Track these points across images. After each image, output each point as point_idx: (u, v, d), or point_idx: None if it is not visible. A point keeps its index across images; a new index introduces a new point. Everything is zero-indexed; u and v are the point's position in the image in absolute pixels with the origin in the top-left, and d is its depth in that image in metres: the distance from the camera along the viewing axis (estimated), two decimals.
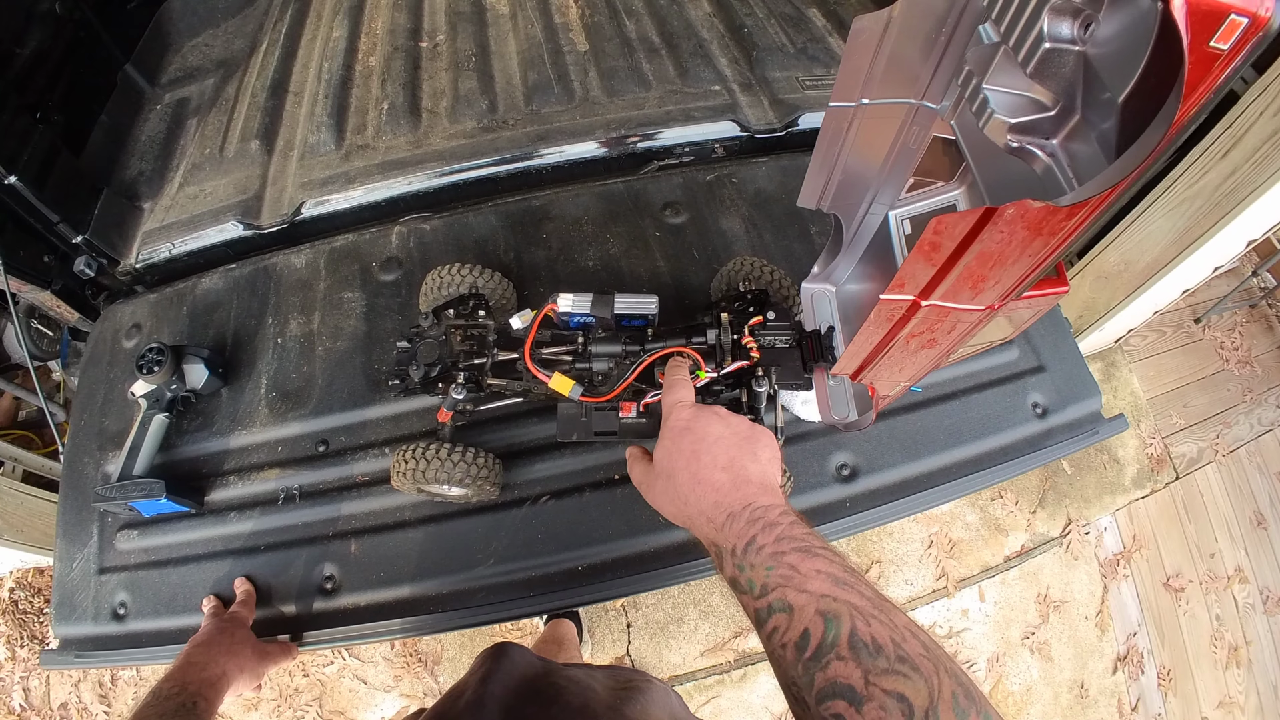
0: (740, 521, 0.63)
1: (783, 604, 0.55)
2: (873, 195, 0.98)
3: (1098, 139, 0.62)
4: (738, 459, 0.69)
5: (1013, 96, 0.64)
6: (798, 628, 0.53)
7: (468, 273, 1.20)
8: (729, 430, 0.72)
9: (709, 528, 0.65)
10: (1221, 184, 1.81)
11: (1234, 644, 2.32)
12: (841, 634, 0.51)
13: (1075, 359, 1.41)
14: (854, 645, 0.51)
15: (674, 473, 0.70)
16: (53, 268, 1.62)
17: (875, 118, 0.86)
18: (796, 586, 0.56)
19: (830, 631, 0.52)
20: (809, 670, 0.51)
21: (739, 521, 0.63)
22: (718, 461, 0.69)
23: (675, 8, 1.95)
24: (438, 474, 1.03)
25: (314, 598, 1.21)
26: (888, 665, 0.49)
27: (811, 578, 0.56)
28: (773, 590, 0.57)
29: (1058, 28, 0.57)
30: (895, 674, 0.49)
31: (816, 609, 0.54)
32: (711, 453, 0.69)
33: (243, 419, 1.37)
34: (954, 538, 2.34)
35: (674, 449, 0.72)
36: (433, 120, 1.72)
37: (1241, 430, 2.67)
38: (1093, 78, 0.59)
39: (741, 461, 0.69)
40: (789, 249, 1.45)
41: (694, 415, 0.74)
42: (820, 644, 0.52)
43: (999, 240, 0.59)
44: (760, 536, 0.60)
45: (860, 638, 0.51)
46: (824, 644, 0.52)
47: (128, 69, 2.03)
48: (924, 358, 0.86)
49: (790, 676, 0.53)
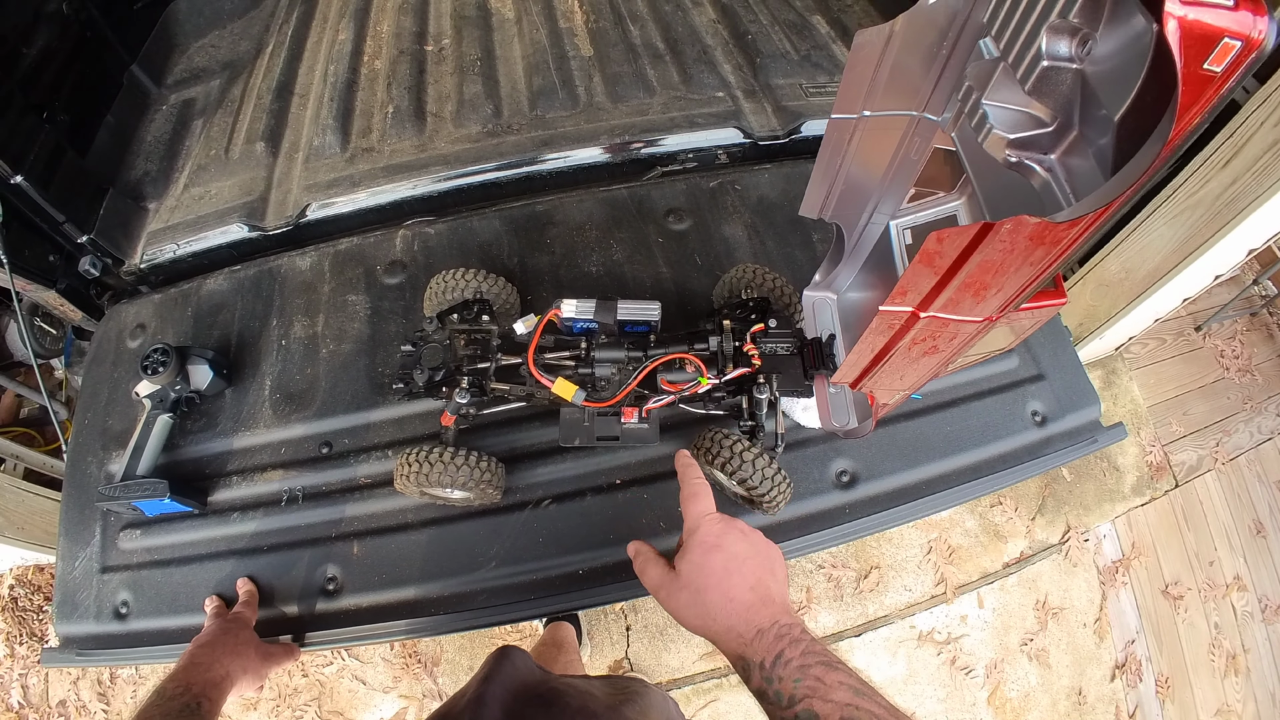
0: (769, 638, 0.67)
1: (810, 714, 0.60)
2: (874, 205, 0.99)
3: (1094, 155, 0.63)
4: (763, 579, 0.73)
5: (1012, 112, 0.65)
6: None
7: (472, 277, 1.21)
8: (753, 550, 0.76)
9: (737, 643, 0.69)
10: (1222, 193, 1.82)
11: (1232, 652, 2.33)
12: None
13: (1075, 367, 1.42)
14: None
15: (704, 589, 0.73)
16: (58, 267, 1.62)
17: (877, 129, 0.87)
18: (822, 697, 0.60)
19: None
20: None
21: (767, 638, 0.67)
22: (746, 581, 0.72)
23: (680, 14, 1.96)
24: (441, 477, 1.04)
25: (316, 599, 1.22)
26: None
27: (835, 689, 0.61)
28: (800, 701, 0.61)
29: (1056, 46, 0.58)
30: None
31: (840, 717, 0.58)
32: (741, 572, 0.73)
33: (246, 420, 1.37)
34: (953, 544, 2.34)
35: (704, 565, 0.74)
36: (438, 124, 1.73)
37: (1241, 438, 2.68)
38: (1090, 95, 0.60)
39: (766, 582, 0.73)
40: (791, 256, 1.45)
41: (723, 531, 0.77)
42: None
43: (997, 254, 0.60)
44: (788, 651, 0.65)
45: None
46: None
47: (134, 70, 2.03)
48: (923, 367, 0.86)
49: None
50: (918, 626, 2.25)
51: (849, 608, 2.25)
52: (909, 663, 2.21)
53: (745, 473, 1.00)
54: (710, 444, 1.04)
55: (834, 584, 2.27)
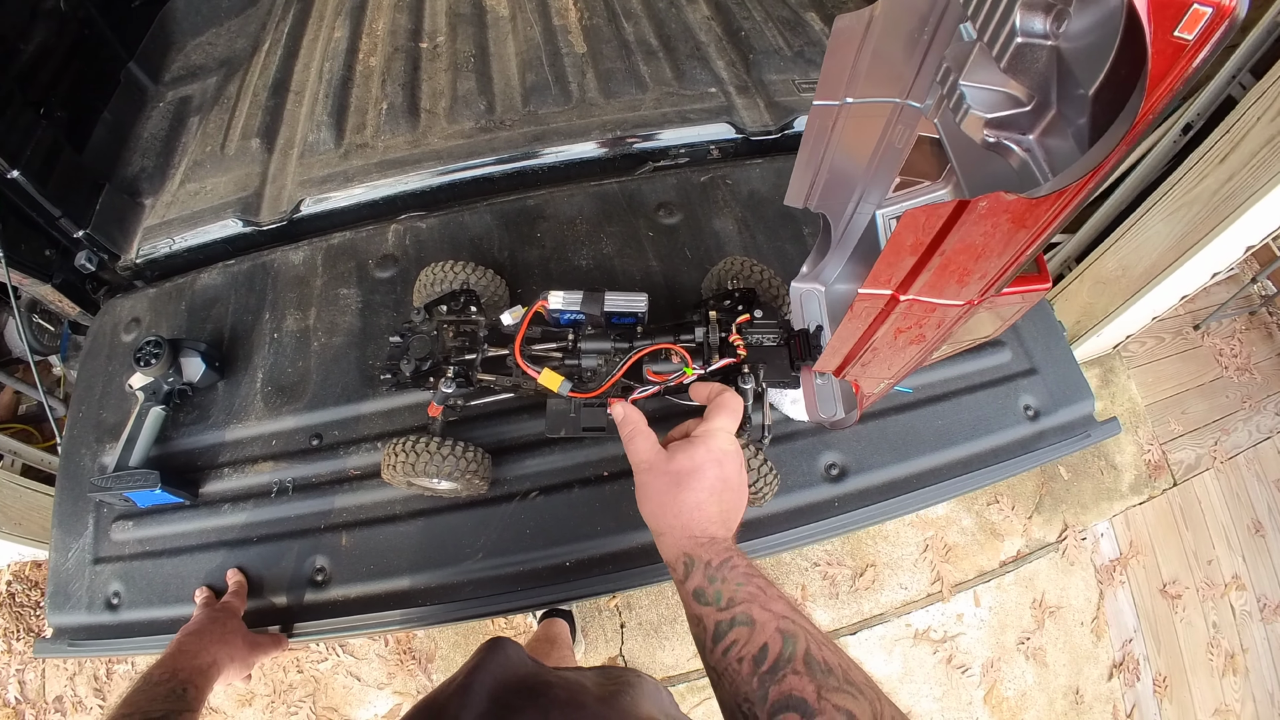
0: (720, 545, 0.69)
1: (747, 618, 0.60)
2: (860, 194, 0.98)
3: (1073, 134, 0.62)
4: (736, 508, 0.75)
5: (989, 92, 0.65)
6: (758, 642, 0.58)
7: (461, 269, 1.21)
8: (741, 484, 0.78)
9: (688, 541, 0.70)
10: (1219, 189, 1.81)
11: (1230, 651, 2.31)
12: (798, 651, 0.56)
13: (1068, 361, 1.41)
14: (809, 662, 0.55)
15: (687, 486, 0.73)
16: (54, 262, 1.63)
17: (860, 116, 0.87)
18: (761, 604, 0.61)
19: (788, 648, 0.57)
20: (764, 684, 0.55)
21: (719, 545, 0.69)
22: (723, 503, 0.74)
23: (674, 10, 1.96)
24: (427, 468, 1.04)
25: (305, 589, 1.22)
26: (838, 684, 0.54)
27: (774, 600, 0.62)
28: (739, 604, 0.62)
29: (1030, 22, 0.57)
30: (845, 692, 0.53)
31: (777, 627, 0.59)
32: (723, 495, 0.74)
33: (238, 412, 1.38)
34: (950, 542, 2.34)
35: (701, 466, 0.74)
36: (431, 120, 1.73)
37: (1240, 437, 2.67)
38: (1065, 72, 0.60)
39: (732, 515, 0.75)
40: (781, 250, 1.45)
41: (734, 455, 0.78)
42: (778, 658, 0.56)
43: (974, 232, 0.60)
44: (736, 559, 0.67)
45: (814, 657, 0.56)
46: (780, 659, 0.56)
47: (131, 67, 2.05)
48: (907, 354, 0.86)
49: (743, 692, 0.56)
50: (914, 625, 2.24)
51: (845, 605, 2.25)
52: (905, 661, 2.20)
53: None
54: None
55: (829, 582, 2.27)
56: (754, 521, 1.20)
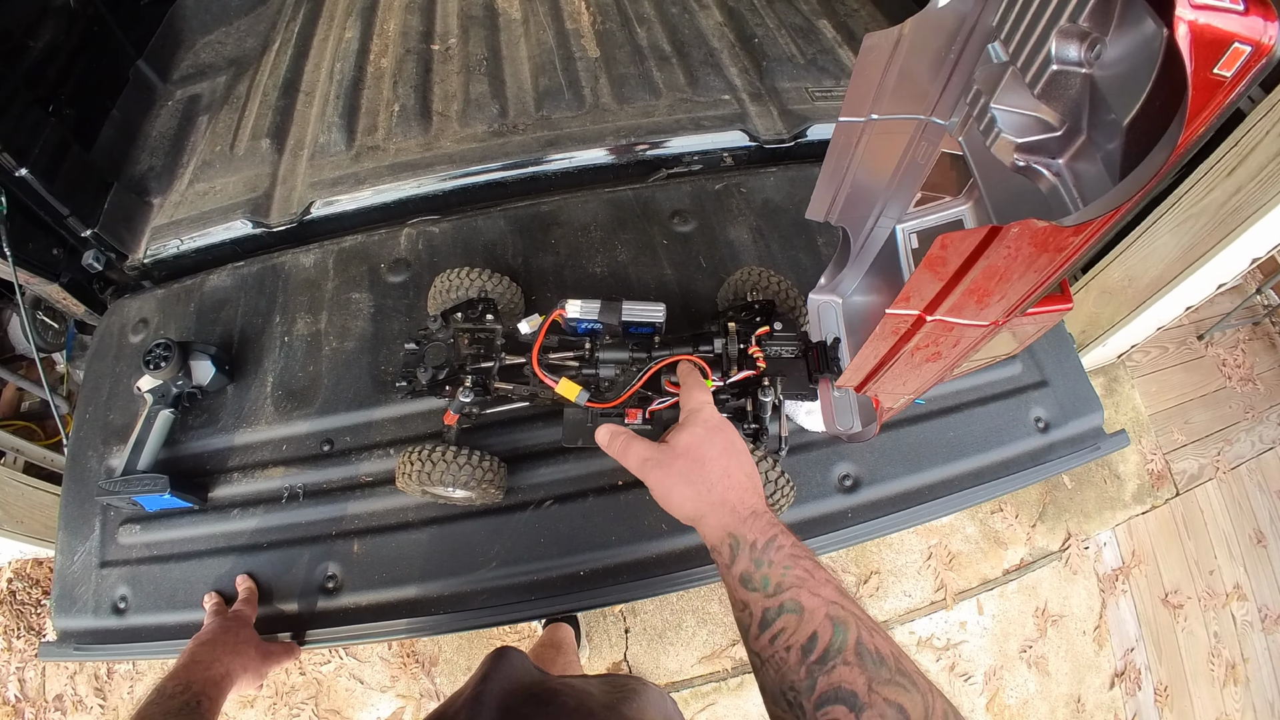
0: (764, 520, 0.65)
1: (795, 604, 0.57)
2: (880, 209, 0.98)
3: (1103, 159, 0.62)
4: (755, 474, 0.72)
5: (1020, 116, 0.65)
6: (806, 630, 0.55)
7: (476, 276, 1.21)
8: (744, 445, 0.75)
9: (731, 518, 0.65)
10: (1226, 201, 1.81)
11: (1231, 661, 2.32)
12: (849, 640, 0.53)
13: (1078, 374, 1.41)
14: (860, 653, 0.52)
15: (705, 459, 0.70)
16: (61, 261, 1.62)
17: (884, 133, 0.87)
18: (810, 590, 0.58)
19: (838, 637, 0.54)
20: (812, 674, 0.52)
21: (762, 520, 0.65)
22: (744, 466, 0.71)
23: (687, 16, 1.96)
24: (443, 476, 1.04)
25: (316, 597, 1.21)
26: (889, 676, 0.51)
27: (824, 585, 0.58)
28: (787, 590, 0.58)
29: (1065, 50, 0.58)
30: (896, 685, 0.50)
31: (826, 613, 0.55)
32: (740, 457, 0.72)
33: (248, 416, 1.37)
34: (953, 550, 2.34)
35: (707, 438, 0.72)
36: (443, 123, 1.73)
37: (1243, 448, 2.68)
38: (1099, 100, 0.60)
39: (758, 478, 0.72)
40: (796, 259, 1.45)
41: (725, 421, 0.75)
42: (827, 648, 0.53)
43: (1004, 258, 0.60)
44: (781, 537, 0.63)
45: (866, 646, 0.53)
46: (830, 648, 0.53)
47: (140, 65, 2.04)
48: (928, 371, 0.86)
49: (789, 681, 0.54)
50: (917, 632, 2.24)
51: None
52: None
53: None
54: None
55: None
56: None
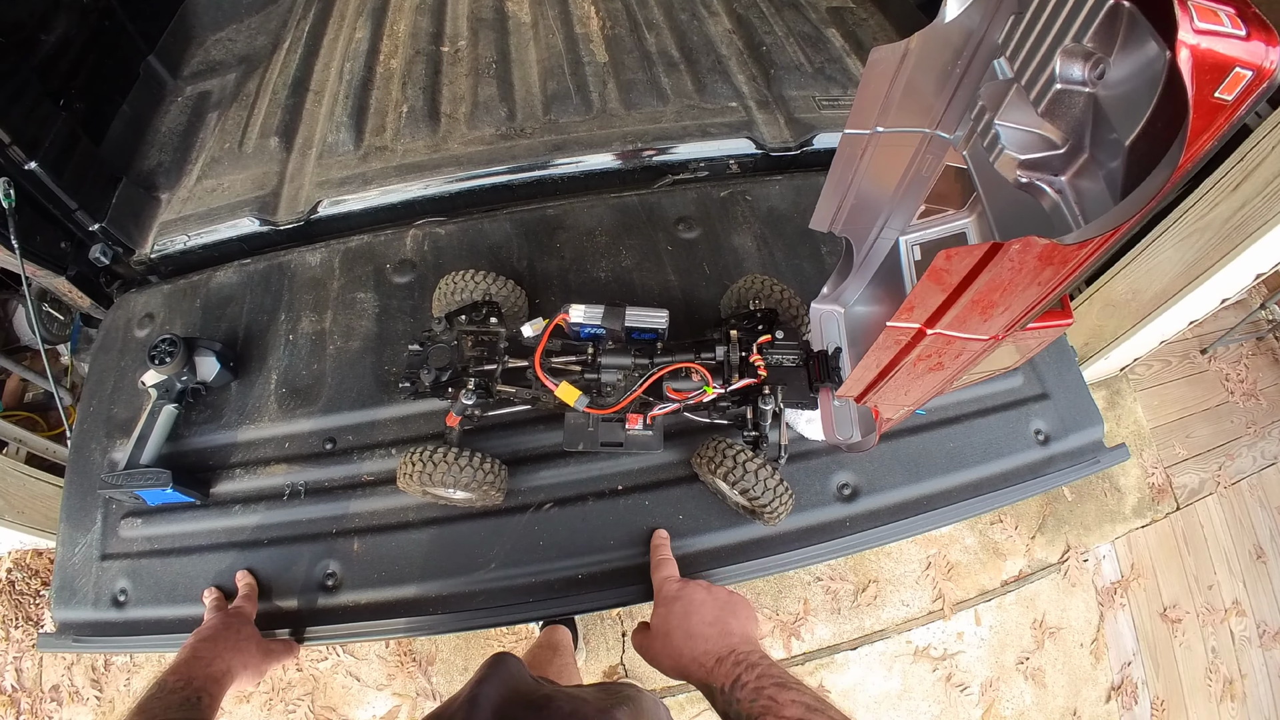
0: (726, 665, 0.76)
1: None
2: (884, 220, 0.99)
3: (1104, 177, 0.63)
4: (721, 616, 0.86)
5: (1024, 133, 0.65)
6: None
7: (481, 279, 1.21)
8: (711, 596, 0.90)
9: (700, 671, 0.78)
10: (1232, 216, 1.82)
11: (1229, 677, 2.31)
12: None
13: (1079, 387, 1.41)
14: None
15: (669, 632, 0.87)
16: (69, 254, 1.63)
17: (889, 145, 0.88)
18: (775, 714, 0.66)
19: None
20: None
21: (725, 665, 0.76)
22: (705, 619, 0.85)
23: (695, 23, 1.97)
24: (444, 478, 1.04)
25: (315, 594, 1.22)
26: None
27: (787, 706, 0.67)
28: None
29: (1069, 70, 0.58)
30: None
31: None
32: (699, 613, 0.87)
33: (251, 413, 1.38)
34: (952, 560, 2.34)
35: (668, 613, 0.89)
36: (451, 125, 1.74)
37: (1244, 463, 2.67)
38: (1101, 119, 0.60)
39: (724, 618, 0.85)
40: (799, 268, 1.46)
41: (682, 586, 0.93)
42: None
43: (1005, 273, 0.61)
44: (744, 675, 0.73)
45: None
46: None
47: (151, 60, 2.04)
48: (928, 383, 0.87)
49: None
50: (914, 642, 2.24)
51: (846, 621, 2.25)
52: (904, 678, 2.20)
53: (748, 483, 1.00)
54: (714, 453, 1.04)
55: (831, 596, 2.27)
56: (767, 540, 1.20)
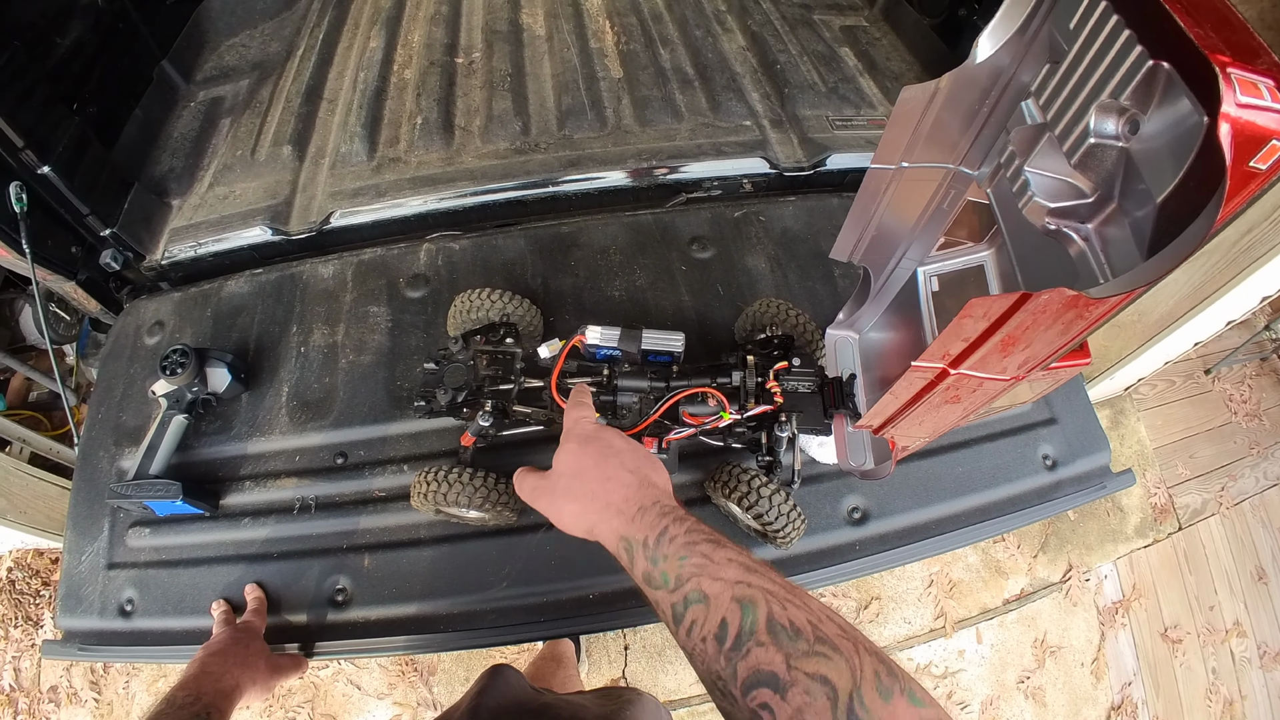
0: (651, 514, 0.64)
1: (699, 594, 0.55)
2: (903, 251, 1.00)
3: (1131, 227, 0.63)
4: (642, 466, 0.72)
5: (1054, 181, 0.66)
6: (715, 618, 0.53)
7: (497, 298, 1.21)
8: (630, 445, 0.76)
9: (618, 520, 0.66)
10: (1239, 240, 1.82)
11: (1229, 698, 2.32)
12: (759, 619, 0.51)
13: (1087, 412, 1.42)
14: (772, 630, 0.50)
15: (582, 471, 0.72)
16: (79, 259, 1.63)
17: (912, 179, 0.88)
18: (711, 575, 0.56)
19: (747, 618, 0.52)
20: (731, 661, 0.51)
21: (650, 514, 0.64)
22: (625, 464, 0.71)
23: (710, 40, 1.97)
24: (458, 497, 1.04)
25: (325, 609, 1.22)
26: (808, 648, 0.49)
27: (724, 565, 0.56)
28: (688, 581, 0.56)
29: (1104, 125, 0.59)
30: (816, 656, 0.48)
31: (732, 595, 0.53)
32: (619, 457, 0.72)
33: (262, 426, 1.38)
34: (954, 578, 2.34)
35: (581, 451, 0.74)
36: (465, 138, 1.74)
37: (1247, 483, 2.68)
38: (1132, 171, 0.61)
39: (645, 469, 0.72)
40: (813, 290, 1.46)
41: (599, 427, 0.78)
42: (739, 632, 0.51)
43: (1031, 321, 0.61)
44: (672, 528, 0.61)
45: (778, 621, 0.51)
46: (742, 631, 0.51)
47: (164, 65, 2.04)
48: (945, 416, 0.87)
49: (714, 671, 0.52)
50: (915, 659, 2.24)
51: None
52: None
53: (761, 508, 1.01)
54: (728, 478, 1.04)
55: None
56: (779, 562, 1.21)
